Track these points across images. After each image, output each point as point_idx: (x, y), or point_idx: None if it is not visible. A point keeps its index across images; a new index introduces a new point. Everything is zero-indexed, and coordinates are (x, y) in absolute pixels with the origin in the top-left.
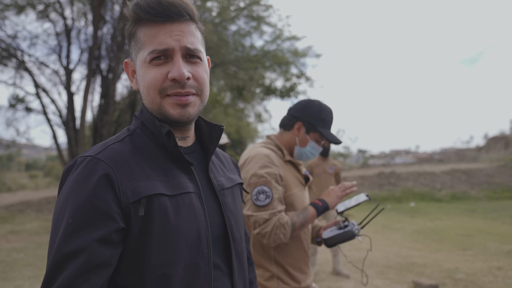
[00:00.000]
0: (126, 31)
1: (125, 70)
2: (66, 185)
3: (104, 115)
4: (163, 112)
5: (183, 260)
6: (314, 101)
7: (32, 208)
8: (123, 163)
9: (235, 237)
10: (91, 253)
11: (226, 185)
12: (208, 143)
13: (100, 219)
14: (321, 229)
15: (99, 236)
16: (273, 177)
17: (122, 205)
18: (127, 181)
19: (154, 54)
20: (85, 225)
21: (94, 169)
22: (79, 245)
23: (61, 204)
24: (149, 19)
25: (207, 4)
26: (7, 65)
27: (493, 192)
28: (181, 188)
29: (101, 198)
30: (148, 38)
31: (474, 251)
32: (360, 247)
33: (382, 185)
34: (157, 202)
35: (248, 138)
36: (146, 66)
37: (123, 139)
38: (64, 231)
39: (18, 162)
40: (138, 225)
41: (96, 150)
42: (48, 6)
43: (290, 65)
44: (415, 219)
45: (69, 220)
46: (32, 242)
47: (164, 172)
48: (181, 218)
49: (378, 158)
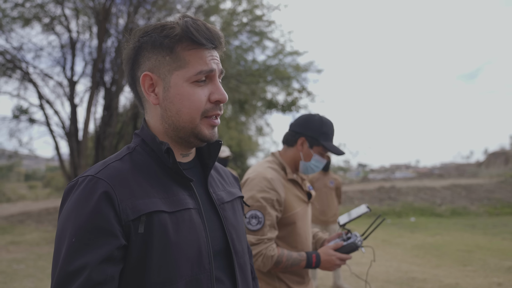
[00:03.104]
0: (152, 42)
1: (141, 82)
2: (67, 204)
3: (107, 127)
4: (197, 132)
5: (184, 276)
6: (315, 115)
7: (32, 219)
8: (123, 181)
9: (237, 250)
10: (95, 271)
11: (226, 199)
12: (207, 158)
13: (102, 237)
14: (325, 241)
15: (102, 254)
16: (269, 203)
17: (122, 223)
18: (126, 199)
19: (201, 75)
20: (88, 243)
21: (95, 188)
22: (83, 264)
23: (63, 223)
24: (201, 43)
25: (211, 19)
26: (11, 77)
27: (494, 208)
28: (181, 205)
29: (102, 216)
30: (195, 59)
31: (475, 267)
32: (361, 262)
33: (382, 200)
34: (157, 219)
35: (249, 151)
36: (188, 85)
37: (122, 157)
38: (67, 250)
39: (18, 173)
40: (138, 242)
41: (96, 169)
42: (54, 19)
43: (291, 80)
44: (415, 234)
45: (72, 240)
46: (32, 253)
47: (164, 189)
48: (181, 234)
49: (378, 172)
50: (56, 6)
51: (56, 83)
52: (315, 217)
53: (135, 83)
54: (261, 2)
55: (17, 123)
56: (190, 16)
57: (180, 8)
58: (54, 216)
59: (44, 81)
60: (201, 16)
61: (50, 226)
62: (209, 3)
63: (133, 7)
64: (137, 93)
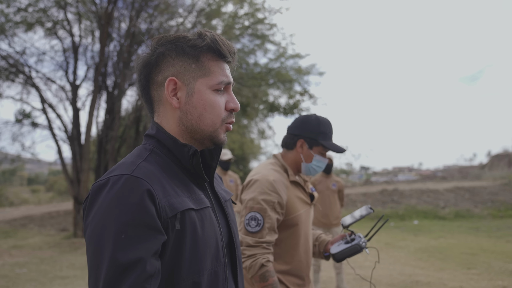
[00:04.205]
0: (180, 49)
1: (166, 86)
2: (102, 203)
3: (109, 131)
4: (214, 136)
5: (207, 269)
6: (311, 115)
7: (35, 223)
8: (157, 180)
9: (237, 244)
10: (147, 264)
11: (226, 197)
12: (210, 160)
13: (151, 232)
14: (328, 243)
15: (153, 247)
16: (270, 205)
17: (162, 220)
18: (163, 197)
19: (221, 85)
20: (140, 238)
21: (136, 186)
22: (138, 257)
23: (102, 221)
24: (225, 56)
25: (212, 22)
26: (14, 81)
27: (497, 211)
28: (203, 203)
29: (148, 212)
30: (218, 69)
31: (479, 270)
32: (364, 265)
33: (385, 202)
34: (188, 216)
35: (251, 154)
36: (210, 92)
37: (146, 158)
38: (116, 245)
39: (20, 177)
40: (174, 238)
41: (129, 168)
42: (56, 23)
43: (293, 83)
44: (418, 237)
45: (121, 236)
46: (35, 257)
47: (187, 189)
48: (205, 230)
49: (381, 175)
50: (59, 11)
51: (58, 87)
52: (318, 220)
53: (150, 86)
54: (263, 5)
55: (20, 127)
56: (209, 30)
57: (182, 11)
58: (56, 220)
59: (47, 85)
60: (203, 19)
61: (53, 230)
62: (211, 7)
63: (135, 11)
64: (150, 96)
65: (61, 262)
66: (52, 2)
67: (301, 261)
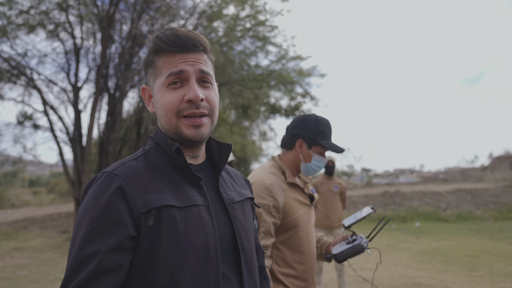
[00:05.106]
0: (144, 60)
1: (142, 95)
2: (86, 197)
3: (111, 133)
4: (178, 132)
5: (192, 268)
6: (310, 115)
7: (36, 225)
8: (137, 177)
9: (245, 248)
10: (104, 258)
11: (236, 199)
12: (218, 160)
13: (113, 227)
14: (330, 245)
15: (113, 242)
16: (265, 209)
17: (134, 216)
18: (139, 193)
19: (171, 77)
20: (100, 232)
21: (111, 183)
22: (95, 250)
23: (81, 214)
24: (168, 49)
25: (214, 24)
26: (16, 83)
27: (499, 213)
28: (190, 201)
29: (114, 208)
30: (166, 65)
31: (481, 272)
32: (366, 267)
33: (387, 205)
34: (166, 213)
35: (253, 156)
36: (164, 90)
37: (138, 157)
38: (82, 237)
39: (22, 179)
40: (148, 234)
41: (113, 166)
42: (58, 25)
43: (295, 85)
44: (420, 239)
45: (87, 228)
46: (36, 259)
47: (175, 187)
48: (189, 228)
49: (382, 177)
50: (61, 13)
51: (60, 89)
52: (320, 221)
53: None
54: (264, 7)
55: (22, 129)
56: (168, 28)
57: (183, 14)
58: (58, 222)
59: (48, 87)
60: (204, 21)
61: (54, 232)
62: (212, 9)
63: (136, 13)
64: None
65: (62, 264)
66: (54, 5)
67: (304, 264)
